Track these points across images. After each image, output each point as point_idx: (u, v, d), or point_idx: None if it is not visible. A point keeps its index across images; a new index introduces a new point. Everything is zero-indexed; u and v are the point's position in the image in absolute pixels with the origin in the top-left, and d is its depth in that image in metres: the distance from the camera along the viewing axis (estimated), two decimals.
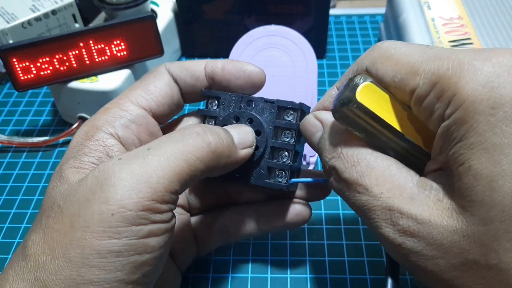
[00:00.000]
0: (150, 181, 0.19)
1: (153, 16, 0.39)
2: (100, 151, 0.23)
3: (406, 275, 0.31)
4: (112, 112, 0.25)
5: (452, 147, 0.18)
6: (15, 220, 0.36)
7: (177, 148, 0.21)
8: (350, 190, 0.21)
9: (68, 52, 0.38)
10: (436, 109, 0.19)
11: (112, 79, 0.40)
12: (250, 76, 0.26)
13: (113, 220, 0.19)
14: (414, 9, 0.43)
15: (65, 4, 0.46)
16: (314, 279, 0.31)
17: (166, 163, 0.20)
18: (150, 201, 0.19)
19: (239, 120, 0.26)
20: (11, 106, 0.47)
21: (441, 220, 0.18)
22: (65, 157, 0.23)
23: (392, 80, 0.21)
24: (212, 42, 0.50)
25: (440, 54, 0.19)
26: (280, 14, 0.47)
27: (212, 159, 0.22)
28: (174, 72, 0.27)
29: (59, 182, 0.22)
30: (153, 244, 0.20)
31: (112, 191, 0.19)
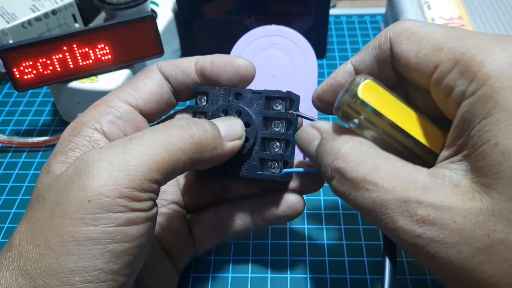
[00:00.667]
0: (128, 169, 0.19)
1: (153, 16, 0.39)
2: (86, 146, 0.24)
3: (406, 274, 0.31)
4: (99, 109, 0.25)
5: (476, 124, 0.18)
6: (15, 220, 0.36)
7: (159, 138, 0.21)
8: (358, 189, 0.21)
9: (68, 52, 0.38)
10: (457, 86, 0.19)
11: (112, 79, 0.40)
12: (238, 69, 0.26)
13: (90, 206, 0.19)
14: (414, 9, 0.43)
15: (65, 4, 0.46)
16: (314, 279, 0.31)
17: (145, 152, 0.20)
18: (128, 188, 0.19)
19: (228, 113, 0.26)
20: (11, 106, 0.47)
21: (462, 204, 0.18)
22: (53, 153, 0.24)
23: (415, 55, 0.21)
24: (212, 42, 0.50)
25: (465, 34, 0.20)
26: (280, 14, 0.47)
27: (195, 151, 0.22)
28: (166, 70, 0.27)
29: (45, 176, 0.22)
30: (132, 233, 0.20)
31: (89, 177, 0.19)
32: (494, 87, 0.18)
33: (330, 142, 0.23)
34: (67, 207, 0.19)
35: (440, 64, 0.20)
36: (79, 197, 0.19)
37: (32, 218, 0.20)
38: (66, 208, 0.19)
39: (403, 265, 0.32)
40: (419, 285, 0.31)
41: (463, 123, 0.19)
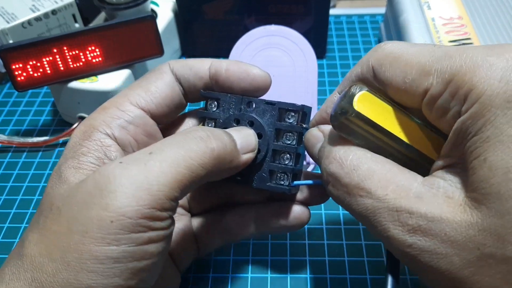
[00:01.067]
0: (151, 189, 0.19)
1: (153, 16, 0.39)
2: (98, 151, 0.23)
3: (406, 274, 0.31)
4: (110, 112, 0.24)
5: (468, 141, 0.18)
6: (15, 220, 0.36)
7: (180, 154, 0.21)
8: (351, 195, 0.21)
9: (68, 52, 0.38)
10: (451, 107, 0.19)
11: (112, 79, 0.40)
12: (254, 79, 0.26)
13: (112, 227, 0.19)
14: (414, 9, 0.43)
15: (65, 4, 0.46)
16: (314, 279, 0.31)
17: (167, 170, 0.20)
18: (150, 208, 0.19)
19: (240, 122, 0.25)
20: (11, 106, 0.47)
21: (453, 216, 0.18)
22: (64, 157, 0.23)
23: (402, 82, 0.21)
24: (212, 42, 0.50)
25: (451, 52, 0.20)
26: (280, 14, 0.47)
27: (214, 165, 0.22)
28: (178, 71, 0.26)
29: (58, 182, 0.22)
30: (151, 251, 0.20)
31: (112, 197, 0.19)
32: (485, 105, 0.18)
33: (328, 146, 0.23)
34: (87, 226, 0.19)
35: (430, 87, 0.20)
36: (101, 216, 0.19)
37: (45, 229, 0.20)
38: (86, 226, 0.19)
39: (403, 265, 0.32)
40: (419, 285, 0.31)
41: (455, 139, 0.19)
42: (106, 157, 0.23)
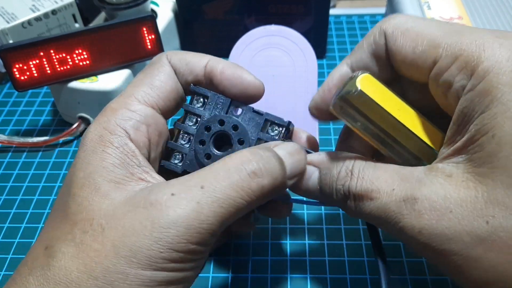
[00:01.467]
0: (200, 228, 0.20)
1: (153, 16, 0.39)
2: (125, 160, 0.22)
3: (406, 274, 0.31)
4: (121, 114, 0.24)
5: (475, 119, 0.19)
6: (15, 220, 0.36)
7: (231, 196, 0.20)
8: (365, 200, 0.21)
9: (68, 52, 0.38)
10: (456, 81, 0.20)
11: (112, 79, 0.40)
12: (247, 87, 0.25)
13: (160, 257, 0.19)
14: (414, 9, 0.43)
15: (65, 4, 0.46)
16: (314, 279, 0.31)
17: (218, 210, 0.20)
18: (196, 245, 0.20)
19: (224, 124, 0.25)
20: (11, 106, 0.47)
21: (457, 193, 0.18)
22: (86, 164, 0.22)
23: (411, 52, 0.21)
24: (212, 42, 0.50)
25: (461, 29, 0.20)
26: (280, 14, 0.47)
27: (259, 201, 0.22)
28: (174, 64, 0.26)
29: (97, 196, 0.21)
30: (193, 276, 0.21)
31: (164, 232, 0.19)
32: (492, 82, 0.18)
33: (334, 170, 0.23)
34: (136, 253, 0.19)
35: (438, 60, 0.20)
36: (151, 247, 0.19)
37: (84, 244, 0.20)
38: (135, 253, 0.19)
39: (403, 265, 0.32)
40: (419, 285, 0.31)
41: (462, 117, 0.19)
42: (135, 165, 0.23)
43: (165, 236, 0.19)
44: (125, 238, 0.19)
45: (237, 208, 0.21)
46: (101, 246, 0.19)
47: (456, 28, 0.21)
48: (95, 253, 0.19)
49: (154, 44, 0.40)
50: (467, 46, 0.19)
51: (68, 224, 0.21)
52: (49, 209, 0.37)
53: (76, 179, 0.22)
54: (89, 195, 0.21)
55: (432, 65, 0.21)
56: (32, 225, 0.36)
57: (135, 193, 0.21)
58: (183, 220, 0.19)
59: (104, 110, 0.24)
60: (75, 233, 0.20)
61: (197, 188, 0.20)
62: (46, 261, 0.20)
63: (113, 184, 0.21)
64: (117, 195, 0.21)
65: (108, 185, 0.21)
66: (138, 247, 0.19)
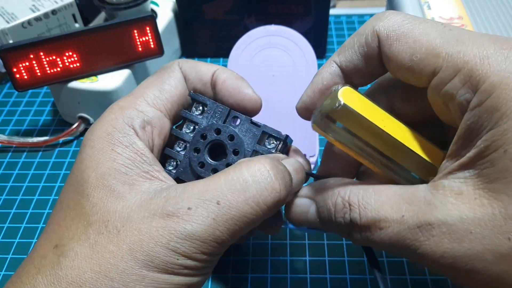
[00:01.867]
0: (215, 242, 0.20)
1: (153, 16, 0.39)
2: (136, 160, 0.22)
3: (406, 274, 0.31)
4: (129, 113, 0.24)
5: (484, 134, 0.18)
6: (15, 220, 0.36)
7: (248, 212, 0.21)
8: (373, 230, 0.21)
9: (68, 52, 0.38)
10: (460, 95, 0.19)
11: (112, 79, 0.40)
12: (243, 99, 0.25)
13: (178, 263, 0.20)
14: (414, 9, 0.43)
15: (65, 4, 0.46)
16: (314, 279, 0.31)
17: (232, 228, 0.20)
18: (211, 255, 0.21)
19: (220, 133, 0.25)
20: (11, 106, 0.47)
21: (473, 212, 0.18)
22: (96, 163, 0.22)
23: (409, 59, 0.20)
24: (212, 42, 0.50)
25: (460, 36, 0.19)
26: (280, 14, 0.46)
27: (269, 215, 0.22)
28: (185, 71, 0.26)
29: (112, 198, 0.21)
30: (202, 280, 0.22)
31: (180, 243, 0.20)
32: (500, 98, 0.18)
33: (329, 201, 0.23)
34: (153, 258, 0.19)
35: (439, 70, 0.20)
36: (169, 254, 0.20)
37: (98, 245, 0.20)
38: (152, 258, 0.19)
39: (403, 265, 0.32)
40: (419, 285, 0.31)
41: (468, 133, 0.19)
42: (146, 163, 0.23)
43: (181, 247, 0.20)
44: (142, 243, 0.20)
45: (250, 223, 0.21)
46: (117, 248, 0.20)
47: (455, 33, 0.20)
48: (110, 254, 0.19)
49: (154, 44, 0.40)
50: (470, 59, 0.19)
51: (81, 224, 0.21)
52: (49, 209, 0.37)
53: (88, 179, 0.22)
54: (104, 196, 0.21)
55: (431, 74, 0.20)
56: (32, 225, 0.36)
57: (149, 195, 0.21)
58: (199, 235, 0.20)
59: (111, 108, 0.24)
60: (89, 233, 0.20)
61: (213, 204, 0.20)
62: (57, 260, 0.20)
63: (127, 186, 0.21)
64: (132, 196, 0.21)
65: (122, 187, 0.21)
66: (156, 253, 0.19)
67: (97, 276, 0.19)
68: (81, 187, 0.22)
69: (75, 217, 0.21)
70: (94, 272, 0.19)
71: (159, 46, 0.40)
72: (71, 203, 0.22)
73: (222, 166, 0.24)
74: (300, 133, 0.35)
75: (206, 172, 0.24)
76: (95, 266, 0.19)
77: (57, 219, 0.22)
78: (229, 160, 0.24)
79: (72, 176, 0.23)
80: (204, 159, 0.24)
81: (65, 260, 0.20)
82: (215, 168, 0.24)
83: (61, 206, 0.22)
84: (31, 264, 0.20)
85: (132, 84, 0.41)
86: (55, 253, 0.20)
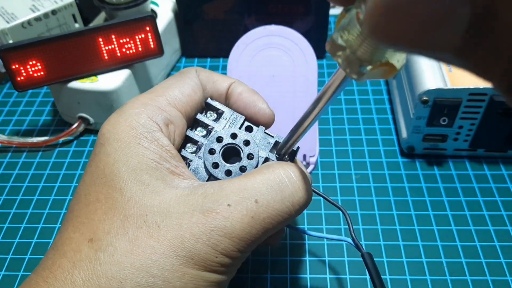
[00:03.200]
0: (251, 240, 0.21)
1: (153, 16, 0.39)
2: (163, 156, 0.22)
3: (406, 274, 0.31)
4: (152, 109, 0.23)
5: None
6: (14, 221, 0.36)
7: (283, 210, 0.22)
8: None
9: (68, 52, 0.38)
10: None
11: (112, 79, 0.40)
12: (257, 113, 0.26)
13: (215, 261, 0.20)
14: None
15: (65, 4, 0.46)
16: (314, 279, 0.31)
17: (268, 226, 0.21)
18: (244, 253, 0.21)
19: (236, 137, 0.25)
20: (11, 106, 0.47)
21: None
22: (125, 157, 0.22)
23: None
24: (212, 42, 0.50)
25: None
26: (280, 14, 0.46)
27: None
28: (202, 80, 0.26)
29: (147, 192, 0.21)
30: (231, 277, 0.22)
31: (220, 240, 0.20)
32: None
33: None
34: (194, 254, 0.20)
35: None
36: (208, 252, 0.20)
37: (138, 240, 0.20)
38: (192, 256, 0.20)
39: (403, 265, 0.32)
40: (419, 285, 0.31)
41: None
42: (172, 159, 0.23)
43: (220, 244, 0.20)
44: (183, 239, 0.20)
45: (283, 223, 0.22)
46: (158, 244, 0.20)
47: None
48: (151, 250, 0.20)
49: (154, 44, 0.40)
50: None
51: (116, 217, 0.21)
52: (49, 209, 0.37)
53: (119, 173, 0.21)
54: (139, 190, 0.21)
55: None
56: (32, 226, 0.36)
57: (185, 191, 0.21)
58: (238, 233, 0.21)
59: (133, 103, 0.24)
60: (127, 227, 0.20)
61: (252, 202, 0.21)
62: (94, 255, 0.20)
63: (160, 181, 0.22)
64: (167, 191, 0.21)
65: (155, 182, 0.21)
66: (196, 249, 0.20)
67: (138, 272, 0.19)
68: (111, 181, 0.21)
69: (108, 210, 0.21)
70: (134, 268, 0.19)
71: (159, 46, 0.40)
72: (101, 197, 0.21)
73: (236, 168, 0.24)
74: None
75: (220, 172, 0.24)
76: (136, 261, 0.19)
77: (85, 212, 0.21)
78: (244, 163, 0.25)
79: (96, 170, 0.22)
80: (219, 160, 0.24)
81: (103, 255, 0.19)
82: (229, 169, 0.24)
83: (88, 199, 0.22)
84: (64, 258, 0.20)
85: (132, 84, 0.41)
86: (91, 247, 0.20)
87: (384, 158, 0.39)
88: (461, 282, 0.31)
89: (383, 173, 0.38)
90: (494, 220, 0.34)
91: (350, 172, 0.38)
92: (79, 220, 0.21)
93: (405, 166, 0.38)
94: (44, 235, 0.35)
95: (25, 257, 0.34)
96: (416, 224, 0.34)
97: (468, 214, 0.35)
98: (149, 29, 0.39)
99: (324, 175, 0.38)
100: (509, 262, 0.32)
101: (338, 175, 0.38)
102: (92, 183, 0.22)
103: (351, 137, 0.41)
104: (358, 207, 0.36)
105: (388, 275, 0.31)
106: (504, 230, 0.34)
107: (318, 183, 0.38)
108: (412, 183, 0.37)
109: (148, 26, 0.39)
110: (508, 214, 0.35)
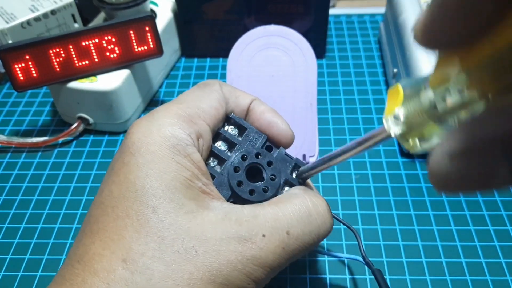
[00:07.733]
0: (279, 268, 0.22)
1: (152, 16, 0.38)
2: (195, 174, 0.22)
3: (406, 274, 0.31)
4: (185, 121, 0.23)
5: None
6: (14, 221, 0.36)
7: (310, 243, 0.23)
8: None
9: (67, 52, 0.38)
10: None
11: (112, 79, 0.40)
12: (279, 134, 0.26)
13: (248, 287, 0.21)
14: (414, 9, 0.43)
15: (65, 4, 0.46)
16: (314, 279, 0.31)
17: (295, 256, 0.22)
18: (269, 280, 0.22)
19: (259, 157, 0.25)
20: (10, 106, 0.47)
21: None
22: (159, 172, 0.21)
23: None
24: (212, 42, 0.50)
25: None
26: (280, 14, 0.46)
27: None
28: (225, 94, 0.26)
29: (182, 213, 0.21)
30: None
31: (254, 269, 0.21)
32: None
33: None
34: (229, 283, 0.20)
35: None
36: (244, 279, 0.21)
37: (176, 264, 0.20)
38: (228, 283, 0.20)
39: (403, 265, 0.32)
40: (419, 285, 0.31)
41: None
42: (203, 177, 0.22)
43: (254, 272, 0.21)
44: (221, 266, 0.20)
45: (305, 253, 0.23)
46: (195, 269, 0.20)
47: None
48: (189, 275, 0.19)
49: (153, 44, 0.40)
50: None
51: (150, 238, 0.20)
52: (48, 209, 0.37)
53: (151, 189, 0.21)
54: (173, 211, 0.20)
55: None
56: (31, 226, 0.36)
57: (219, 215, 0.22)
58: (271, 263, 0.21)
59: (165, 111, 0.23)
60: (163, 250, 0.20)
61: (284, 233, 0.22)
62: (130, 278, 0.19)
63: (194, 201, 0.21)
64: (199, 214, 0.21)
65: (189, 202, 0.21)
66: (232, 277, 0.20)
67: (161, 267, 0.19)
68: (143, 197, 0.20)
69: (140, 229, 0.20)
70: (155, 263, 0.19)
71: (159, 46, 0.40)
72: (131, 213, 0.20)
73: (260, 188, 0.24)
74: (300, 133, 0.35)
75: (243, 191, 0.24)
76: (173, 286, 0.19)
77: (114, 227, 0.20)
78: (267, 184, 0.25)
79: (126, 181, 0.21)
80: (243, 178, 0.24)
81: (139, 278, 0.19)
82: (252, 189, 0.24)
83: (116, 213, 0.21)
84: (96, 277, 0.19)
85: (131, 84, 0.41)
86: (126, 268, 0.19)
87: (384, 158, 0.39)
88: (461, 282, 0.31)
89: (382, 173, 0.38)
90: (494, 220, 0.34)
91: (350, 172, 0.38)
92: (107, 235, 0.20)
93: (405, 166, 0.38)
94: (44, 236, 0.35)
95: (25, 258, 0.34)
96: (416, 224, 0.34)
97: (467, 214, 0.35)
98: (148, 29, 0.39)
99: (324, 175, 0.38)
100: (509, 262, 0.32)
101: (338, 175, 0.38)
102: (121, 196, 0.21)
103: (351, 137, 0.41)
104: (358, 207, 0.35)
105: (388, 275, 0.31)
106: (504, 230, 0.34)
107: (318, 183, 0.38)
108: (412, 183, 0.37)
109: (147, 26, 0.39)
110: (508, 214, 0.35)
